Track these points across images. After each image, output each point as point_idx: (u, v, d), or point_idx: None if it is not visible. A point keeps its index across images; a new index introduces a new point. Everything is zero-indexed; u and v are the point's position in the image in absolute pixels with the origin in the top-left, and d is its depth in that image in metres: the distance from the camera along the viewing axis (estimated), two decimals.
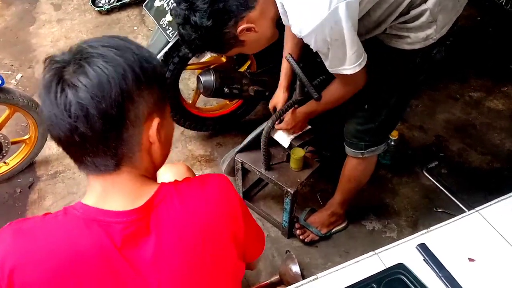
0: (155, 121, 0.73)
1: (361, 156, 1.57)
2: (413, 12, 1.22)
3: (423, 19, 1.23)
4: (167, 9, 1.77)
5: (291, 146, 1.80)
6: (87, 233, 0.70)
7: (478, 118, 2.44)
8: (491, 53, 2.81)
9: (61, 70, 0.66)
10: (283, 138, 1.77)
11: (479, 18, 3.18)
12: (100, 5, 3.25)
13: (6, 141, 2.00)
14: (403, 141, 2.21)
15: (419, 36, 1.26)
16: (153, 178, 0.82)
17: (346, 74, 1.23)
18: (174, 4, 1.31)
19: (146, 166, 0.77)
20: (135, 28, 3.14)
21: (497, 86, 2.62)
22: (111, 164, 0.71)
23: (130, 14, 3.26)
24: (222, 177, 0.85)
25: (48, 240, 0.69)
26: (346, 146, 1.61)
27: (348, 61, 1.19)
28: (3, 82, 1.83)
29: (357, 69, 1.20)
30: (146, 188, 0.76)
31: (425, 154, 2.23)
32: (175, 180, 0.82)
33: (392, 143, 2.08)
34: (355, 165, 1.63)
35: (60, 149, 0.72)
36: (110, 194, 0.73)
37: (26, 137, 2.13)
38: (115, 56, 0.67)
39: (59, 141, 0.70)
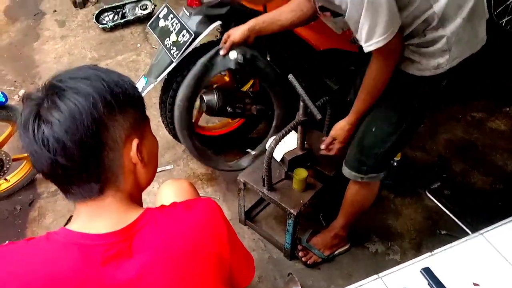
0: (134, 142, 0.75)
1: (360, 180, 1.55)
2: (430, 36, 1.22)
3: (438, 45, 1.24)
4: (171, 29, 1.79)
5: (283, 159, 1.79)
6: (66, 256, 0.70)
7: (480, 138, 2.43)
8: (492, 74, 2.82)
9: (37, 107, 0.68)
10: (276, 152, 1.76)
11: None
12: (104, 22, 3.28)
13: (8, 158, 1.99)
14: (405, 161, 2.20)
15: (430, 64, 1.27)
16: (139, 200, 0.83)
17: (381, 47, 1.16)
18: None
19: (130, 188, 0.78)
20: (138, 45, 3.16)
21: (499, 107, 2.63)
22: (95, 189, 0.73)
23: (134, 31, 3.29)
24: (209, 201, 0.85)
25: (26, 264, 0.70)
26: (345, 168, 1.57)
27: (380, 29, 1.13)
28: (6, 100, 1.83)
29: (391, 37, 1.14)
30: (130, 212, 0.76)
31: (427, 175, 2.21)
32: (161, 205, 0.82)
33: (395, 163, 2.08)
34: (358, 189, 1.61)
35: None
36: (94, 218, 0.74)
37: (27, 153, 2.12)
38: (85, 87, 0.69)
39: (44, 174, 0.72)
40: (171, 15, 1.80)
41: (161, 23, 1.82)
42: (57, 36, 3.33)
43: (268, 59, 1.91)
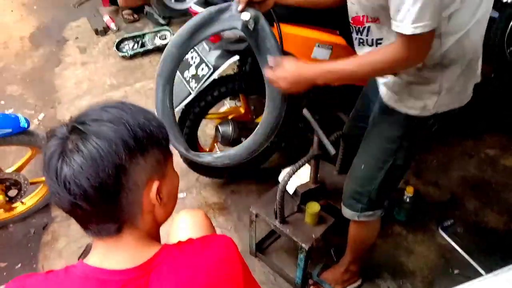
0: (155, 184, 0.75)
1: (356, 219, 1.54)
2: (426, 74, 1.24)
3: (430, 87, 1.25)
4: (191, 62, 1.85)
5: (296, 192, 1.80)
6: None
7: (493, 176, 2.42)
8: (505, 110, 2.83)
9: (60, 147, 0.69)
10: (289, 184, 1.77)
11: (492, 75, 3.23)
12: (124, 50, 3.39)
13: (26, 182, 2.04)
14: (418, 197, 2.19)
15: (417, 103, 1.29)
16: (156, 236, 0.84)
17: (422, 34, 1.07)
18: None
19: (148, 226, 0.79)
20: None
21: None
22: (112, 228, 0.74)
23: (152, 60, 3.38)
24: (226, 239, 0.86)
25: None
26: (343, 206, 1.57)
27: (430, 14, 1.04)
28: (28, 125, 1.89)
29: (417, 31, 1.05)
30: (147, 249, 0.77)
31: (440, 212, 2.20)
32: (178, 241, 0.83)
33: (407, 199, 2.07)
34: (357, 227, 1.61)
35: None
36: (112, 254, 0.76)
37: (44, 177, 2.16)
38: (108, 131, 0.70)
39: (65, 211, 0.74)
40: (191, 49, 1.86)
41: None
42: (78, 62, 3.44)
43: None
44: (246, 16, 1.32)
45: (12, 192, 2.03)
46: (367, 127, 1.50)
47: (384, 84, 1.36)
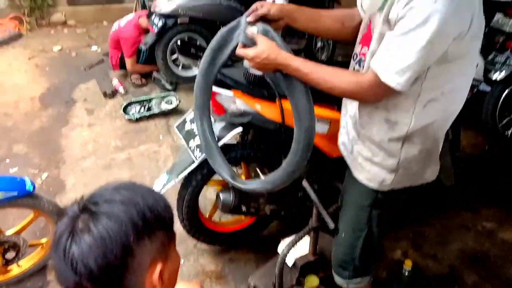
0: (158, 267, 0.76)
1: (346, 285, 1.57)
2: (390, 146, 1.30)
3: (389, 161, 1.32)
4: (196, 132, 1.93)
5: (295, 264, 1.80)
6: None
7: (492, 249, 2.42)
8: (500, 182, 2.89)
9: (71, 226, 0.72)
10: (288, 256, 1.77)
11: (486, 148, 3.33)
12: (131, 113, 3.52)
13: (25, 245, 2.03)
14: (417, 271, 2.18)
15: (376, 177, 1.36)
16: None
17: (372, 74, 1.15)
18: None
19: None
20: (161, 137, 3.35)
21: (510, 216, 2.65)
22: None
23: (158, 123, 3.50)
24: None
25: None
26: (333, 273, 1.62)
27: (410, 74, 1.11)
28: (34, 189, 1.93)
29: (390, 83, 1.12)
30: None
31: (439, 286, 2.18)
32: None
33: (406, 273, 2.06)
34: None
35: None
36: None
37: (44, 240, 2.17)
38: (118, 213, 0.72)
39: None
40: None
41: (188, 126, 1.98)
42: (85, 123, 3.55)
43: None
44: (254, 30, 1.34)
45: (10, 255, 2.02)
46: None
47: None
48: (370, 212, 1.44)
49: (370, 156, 1.37)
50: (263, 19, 1.36)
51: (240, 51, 1.33)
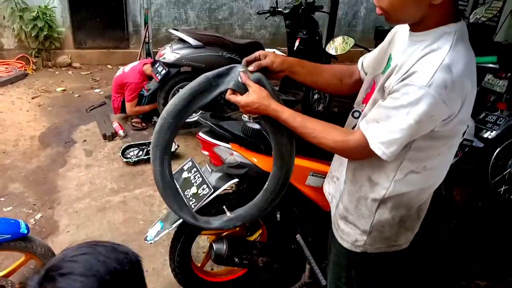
0: None
1: None
2: (363, 207, 1.33)
3: (362, 222, 1.35)
4: (193, 181, 1.96)
5: None
6: None
7: None
8: (493, 240, 2.90)
9: None
10: None
11: (480, 203, 3.36)
12: (128, 156, 3.56)
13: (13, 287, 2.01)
14: None
15: (349, 236, 1.39)
16: None
17: (361, 136, 1.18)
18: None
19: None
20: None
21: (504, 276, 2.63)
22: None
23: None
24: None
25: None
26: None
27: (384, 135, 1.14)
28: (28, 232, 1.93)
29: (376, 151, 1.15)
30: None
31: None
32: None
33: None
34: None
35: None
36: None
37: None
38: (77, 285, 0.69)
39: None
40: (195, 169, 1.99)
41: (185, 174, 2.01)
42: (82, 164, 3.58)
43: (278, 216, 2.03)
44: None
45: None
46: None
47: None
48: (348, 272, 1.46)
49: (345, 214, 1.40)
50: (264, 69, 1.38)
51: (231, 97, 1.34)
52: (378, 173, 1.29)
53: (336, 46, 3.32)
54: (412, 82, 1.08)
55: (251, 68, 1.36)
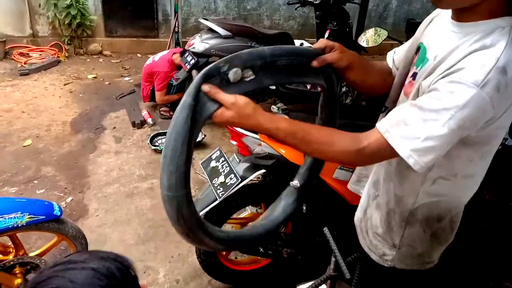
0: None
1: None
2: (396, 219, 1.22)
3: (393, 235, 1.24)
4: (220, 171, 1.98)
5: None
6: None
7: None
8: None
9: None
10: None
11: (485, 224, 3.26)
12: (157, 144, 3.62)
13: (46, 267, 2.08)
14: None
15: (376, 249, 1.30)
16: None
17: (387, 143, 0.98)
18: None
19: None
20: None
21: None
22: None
23: None
24: None
25: None
26: None
27: (418, 142, 0.94)
28: (61, 214, 2.00)
29: (408, 160, 0.96)
30: None
31: None
32: None
33: None
34: None
35: None
36: None
37: None
38: None
39: None
40: (222, 158, 2.01)
41: (213, 163, 2.03)
42: (112, 150, 3.66)
43: (304, 208, 2.03)
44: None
45: (31, 276, 2.07)
46: None
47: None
48: (374, 283, 1.39)
49: (375, 225, 1.30)
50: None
51: (218, 118, 1.02)
52: (404, 184, 1.16)
53: (368, 38, 3.26)
54: (461, 80, 0.90)
55: (315, 64, 1.14)
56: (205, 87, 0.98)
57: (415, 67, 1.13)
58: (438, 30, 1.09)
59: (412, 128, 0.95)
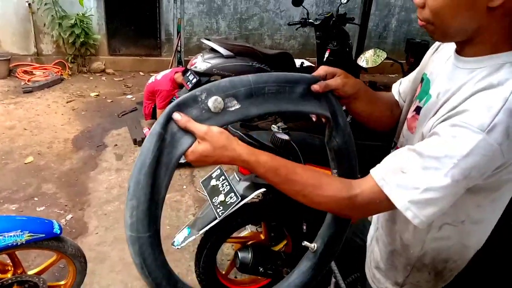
0: None
1: None
2: (400, 261, 1.15)
3: (396, 274, 1.18)
4: (221, 189, 1.99)
5: None
6: None
7: None
8: None
9: None
10: None
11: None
12: None
13: (44, 285, 2.06)
14: None
15: (380, 284, 1.24)
16: None
17: (372, 190, 0.89)
18: None
19: None
20: (184, 187, 3.42)
21: None
22: None
23: (182, 173, 3.59)
24: None
25: None
26: None
27: (417, 194, 0.84)
28: (61, 232, 1.99)
29: (402, 208, 0.85)
30: None
31: None
32: None
33: None
34: None
35: None
36: None
37: (62, 282, 2.19)
38: None
39: None
40: (223, 177, 2.02)
41: (213, 182, 2.04)
42: (113, 168, 3.67)
43: (304, 227, 2.03)
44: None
45: None
46: None
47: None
48: None
49: (378, 260, 1.24)
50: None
51: (190, 156, 0.92)
52: (409, 232, 1.07)
53: (367, 58, 3.31)
54: (464, 124, 0.80)
55: (315, 88, 1.02)
56: (176, 115, 0.88)
57: (418, 100, 1.06)
58: (443, 61, 1.02)
59: (410, 176, 0.85)
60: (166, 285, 0.93)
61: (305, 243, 1.18)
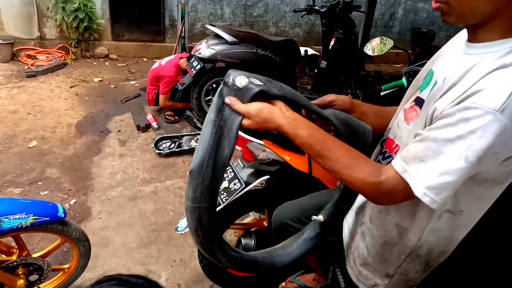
0: None
1: None
2: (393, 252, 1.16)
3: (386, 267, 1.19)
4: (225, 176, 1.99)
5: None
6: None
7: None
8: None
9: None
10: None
11: None
12: (161, 148, 3.63)
13: (48, 268, 2.09)
14: None
15: (368, 280, 1.25)
16: None
17: (403, 179, 0.91)
18: None
19: None
20: (187, 173, 3.42)
21: None
22: None
23: (186, 160, 3.59)
24: None
25: None
26: None
27: (434, 179, 0.87)
28: (65, 215, 2.00)
29: (424, 199, 0.88)
30: None
31: None
32: None
33: None
34: None
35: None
36: None
37: (66, 266, 2.22)
38: None
39: None
40: None
41: None
42: (116, 153, 3.68)
43: None
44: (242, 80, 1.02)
45: (33, 277, 2.07)
46: None
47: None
48: None
49: (365, 255, 1.23)
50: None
51: (241, 108, 1.00)
52: (408, 219, 1.08)
53: (374, 46, 3.27)
54: (476, 104, 0.80)
55: (316, 102, 1.20)
56: (227, 99, 1.01)
57: (419, 91, 1.08)
58: (450, 54, 1.04)
59: (427, 164, 0.88)
60: (214, 245, 1.10)
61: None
